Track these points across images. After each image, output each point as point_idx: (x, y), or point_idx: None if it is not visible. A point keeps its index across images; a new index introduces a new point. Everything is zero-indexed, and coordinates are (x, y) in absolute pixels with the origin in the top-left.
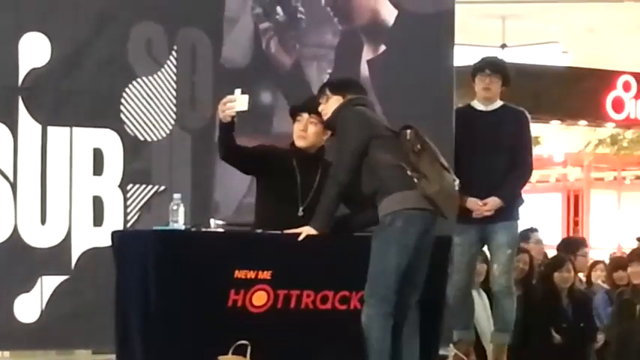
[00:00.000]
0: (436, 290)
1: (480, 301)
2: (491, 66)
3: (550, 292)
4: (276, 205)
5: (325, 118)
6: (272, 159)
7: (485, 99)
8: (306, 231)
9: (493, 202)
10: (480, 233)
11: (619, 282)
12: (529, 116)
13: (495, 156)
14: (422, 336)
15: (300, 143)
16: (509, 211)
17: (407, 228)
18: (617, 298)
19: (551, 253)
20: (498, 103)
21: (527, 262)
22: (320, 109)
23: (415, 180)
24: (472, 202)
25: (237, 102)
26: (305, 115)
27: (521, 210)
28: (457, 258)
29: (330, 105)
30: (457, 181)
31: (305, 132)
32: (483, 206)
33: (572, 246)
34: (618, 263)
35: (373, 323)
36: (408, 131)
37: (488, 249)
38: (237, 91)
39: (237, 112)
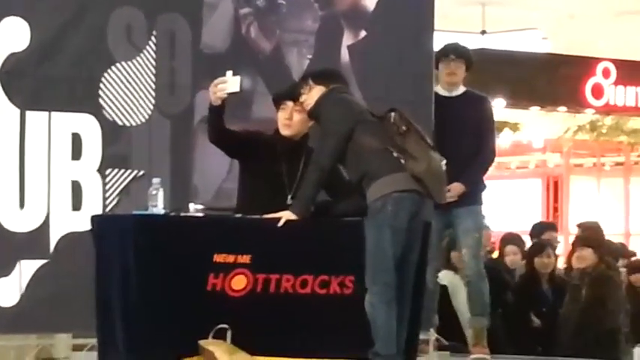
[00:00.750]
0: (418, 274)
1: (463, 288)
2: (455, 51)
3: (531, 277)
4: (262, 193)
5: (307, 108)
6: (258, 144)
7: (450, 84)
8: (286, 216)
9: (457, 187)
10: (445, 219)
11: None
12: (491, 102)
13: (459, 141)
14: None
15: (285, 132)
16: (472, 195)
17: (398, 211)
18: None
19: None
20: (462, 89)
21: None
22: (302, 99)
23: (402, 161)
24: None
25: (229, 84)
26: (290, 103)
27: (484, 195)
28: None
29: (313, 95)
30: (444, 161)
31: (290, 120)
32: (448, 192)
33: (539, 230)
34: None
35: (378, 311)
36: (392, 114)
37: (455, 234)
38: (229, 73)
39: (229, 94)
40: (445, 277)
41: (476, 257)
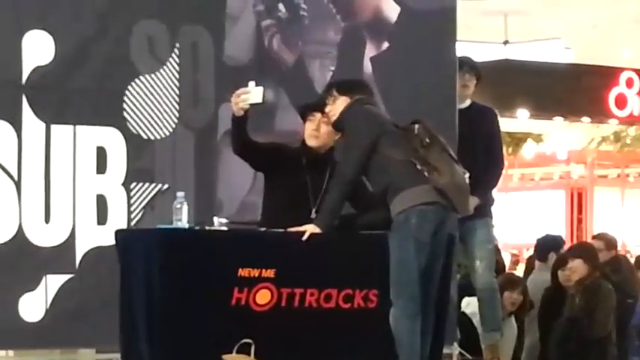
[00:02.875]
0: (442, 287)
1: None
2: (468, 64)
3: (555, 290)
4: (287, 206)
5: (333, 118)
6: (283, 157)
7: (462, 97)
8: (310, 229)
9: (472, 200)
10: (458, 232)
11: None
12: (497, 112)
13: (470, 154)
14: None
15: (312, 143)
16: (484, 208)
17: (422, 224)
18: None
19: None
20: (469, 101)
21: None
22: (327, 110)
23: (426, 174)
24: None
25: (252, 94)
26: (318, 115)
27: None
28: None
29: (338, 106)
30: (467, 174)
31: (318, 131)
32: None
33: (554, 244)
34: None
35: (401, 325)
36: (416, 126)
37: (468, 246)
38: (252, 83)
39: (251, 105)
40: None
41: (490, 269)
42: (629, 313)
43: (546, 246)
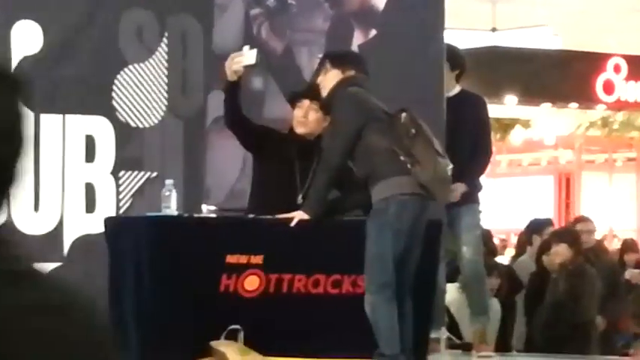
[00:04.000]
0: (427, 273)
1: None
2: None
3: (540, 274)
4: (275, 192)
5: (323, 91)
6: (273, 140)
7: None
8: (298, 216)
9: (459, 187)
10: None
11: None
12: (486, 100)
13: (458, 141)
14: (414, 319)
15: (300, 130)
16: (471, 195)
17: (401, 213)
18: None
19: None
20: (457, 89)
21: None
22: (318, 80)
23: (408, 166)
24: None
25: (245, 56)
26: (306, 102)
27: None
28: None
29: (329, 78)
30: (450, 166)
31: (306, 118)
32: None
33: (537, 227)
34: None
35: (378, 311)
36: (403, 115)
37: (455, 232)
38: (246, 47)
39: (246, 67)
40: None
41: (476, 254)
42: None
43: (530, 229)
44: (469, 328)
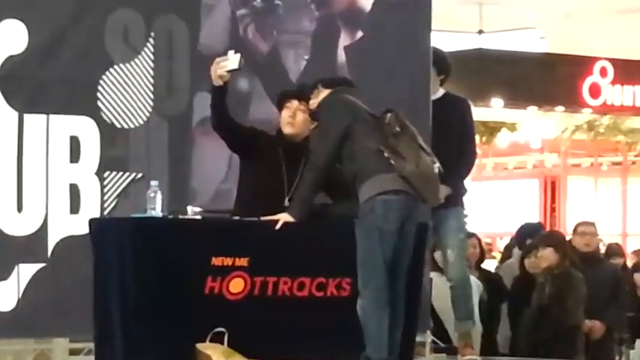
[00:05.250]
0: (413, 276)
1: (446, 288)
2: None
3: (524, 279)
4: (262, 194)
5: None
6: (260, 142)
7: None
8: (284, 218)
9: (443, 190)
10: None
11: None
12: (472, 103)
13: (443, 144)
14: None
15: (287, 130)
16: (456, 198)
17: (387, 214)
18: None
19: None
20: (441, 92)
21: (476, 245)
22: (311, 103)
23: (392, 162)
24: None
25: (229, 61)
26: (294, 102)
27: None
28: None
29: (320, 98)
30: (437, 164)
31: (293, 119)
32: None
33: (530, 231)
34: None
35: (369, 315)
36: (388, 115)
37: (440, 235)
38: (230, 52)
39: (229, 72)
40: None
41: (460, 258)
42: None
43: (524, 234)
44: (454, 331)
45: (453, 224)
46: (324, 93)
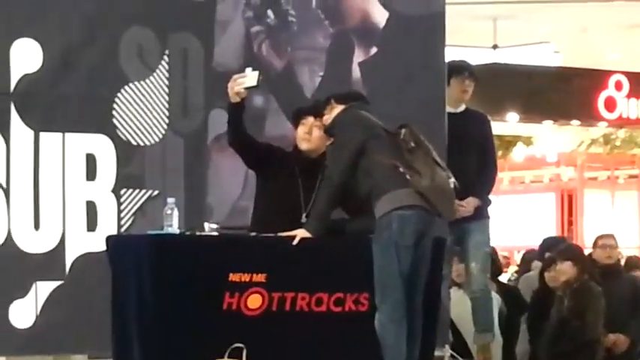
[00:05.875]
0: (431, 291)
1: (465, 301)
2: (468, 70)
3: (543, 292)
4: (278, 210)
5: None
6: (276, 159)
7: (460, 101)
8: (301, 234)
9: (472, 202)
10: (454, 234)
11: None
12: (491, 116)
13: (465, 157)
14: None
15: (304, 146)
16: (482, 210)
17: (403, 229)
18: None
19: None
20: (463, 106)
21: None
22: (324, 119)
23: (408, 177)
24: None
25: (247, 78)
26: (310, 119)
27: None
28: None
29: (333, 114)
30: (452, 179)
31: (310, 135)
32: (464, 207)
33: (552, 245)
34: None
35: (386, 330)
36: (403, 130)
37: (464, 248)
38: (248, 69)
39: (247, 89)
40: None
41: (484, 272)
42: None
43: (545, 247)
44: (472, 344)
45: (479, 238)
46: (337, 109)
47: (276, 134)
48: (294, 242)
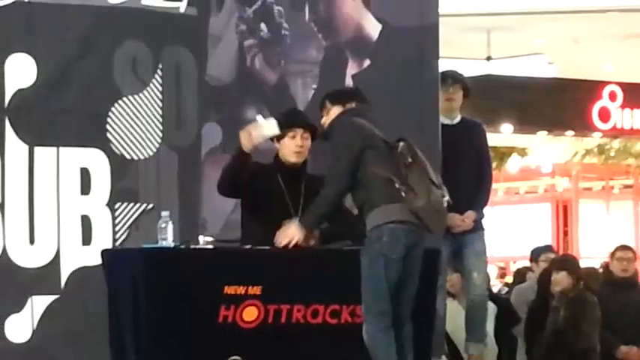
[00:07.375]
0: (426, 302)
1: (459, 312)
2: (452, 77)
3: (541, 301)
4: (267, 224)
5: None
6: (258, 179)
7: (448, 110)
8: (294, 228)
9: (471, 215)
10: (452, 246)
11: None
12: (485, 128)
13: (461, 169)
14: (414, 348)
15: (294, 159)
16: (478, 222)
17: (393, 242)
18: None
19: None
20: (459, 117)
21: None
22: (322, 121)
23: (403, 193)
24: (454, 218)
25: (265, 127)
26: (300, 131)
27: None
28: None
29: (331, 116)
30: (446, 197)
31: (302, 147)
32: (464, 221)
33: (536, 253)
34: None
35: (375, 340)
36: (401, 144)
37: (464, 259)
38: (259, 117)
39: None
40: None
41: (484, 281)
42: None
43: (536, 255)
44: (467, 352)
45: (479, 247)
46: (333, 110)
47: (268, 147)
48: (288, 245)
